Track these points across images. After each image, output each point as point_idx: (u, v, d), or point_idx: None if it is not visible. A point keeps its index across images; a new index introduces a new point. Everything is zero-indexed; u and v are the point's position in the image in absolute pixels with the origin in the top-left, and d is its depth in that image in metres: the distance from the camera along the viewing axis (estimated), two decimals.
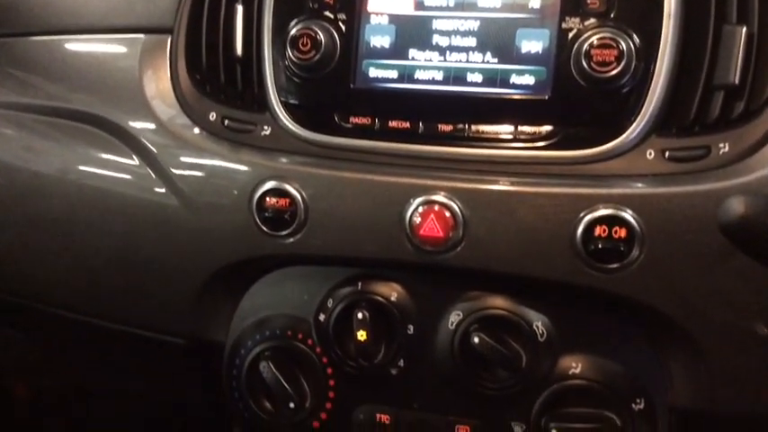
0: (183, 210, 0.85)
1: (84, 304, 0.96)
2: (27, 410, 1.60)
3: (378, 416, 0.83)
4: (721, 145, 0.71)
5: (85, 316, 0.97)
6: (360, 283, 0.82)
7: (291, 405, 0.83)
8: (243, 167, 0.82)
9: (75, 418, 1.48)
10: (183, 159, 0.85)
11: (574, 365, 0.77)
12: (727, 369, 0.73)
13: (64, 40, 0.95)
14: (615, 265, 0.71)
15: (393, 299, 0.81)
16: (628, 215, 0.71)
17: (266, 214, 0.80)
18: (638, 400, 0.75)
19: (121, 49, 0.92)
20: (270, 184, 0.80)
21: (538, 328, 0.77)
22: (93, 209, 0.90)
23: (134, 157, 0.88)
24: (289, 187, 0.79)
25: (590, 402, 0.75)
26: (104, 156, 0.90)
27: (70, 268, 0.94)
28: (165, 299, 0.90)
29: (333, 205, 0.79)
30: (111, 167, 0.90)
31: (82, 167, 0.91)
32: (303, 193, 0.79)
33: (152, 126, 0.87)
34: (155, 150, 0.86)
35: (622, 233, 0.71)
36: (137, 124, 0.88)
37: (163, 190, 0.86)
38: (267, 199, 0.80)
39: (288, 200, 0.80)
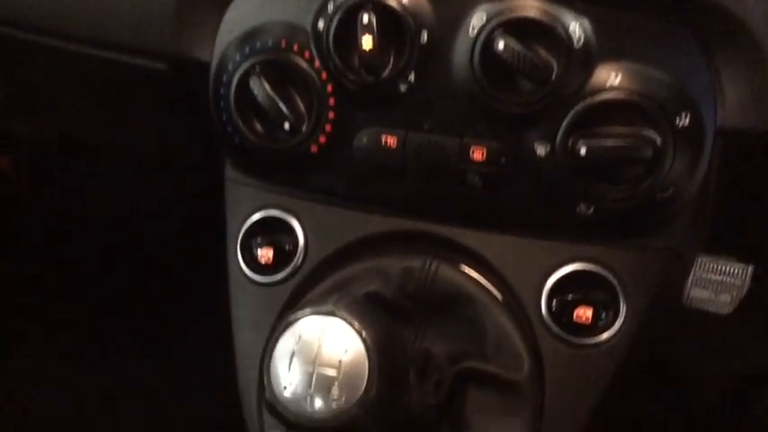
0: None
1: (55, 23, 0.84)
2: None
3: (383, 138, 0.73)
4: None
5: (58, 39, 0.85)
6: None
7: (286, 126, 0.74)
8: None
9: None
10: None
11: (612, 76, 0.66)
12: None
13: None
14: None
15: (405, 1, 0.69)
16: None
17: None
18: (683, 115, 0.65)
19: None
20: None
21: (574, 32, 0.65)
22: None
23: None
24: None
25: (627, 118, 0.66)
26: None
27: None
28: (142, 11, 0.78)
29: None
30: None
31: None
32: None
33: None
34: None
35: None
36: None
37: None
38: None
39: None
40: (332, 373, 0.50)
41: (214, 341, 0.90)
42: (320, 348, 0.51)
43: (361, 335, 0.51)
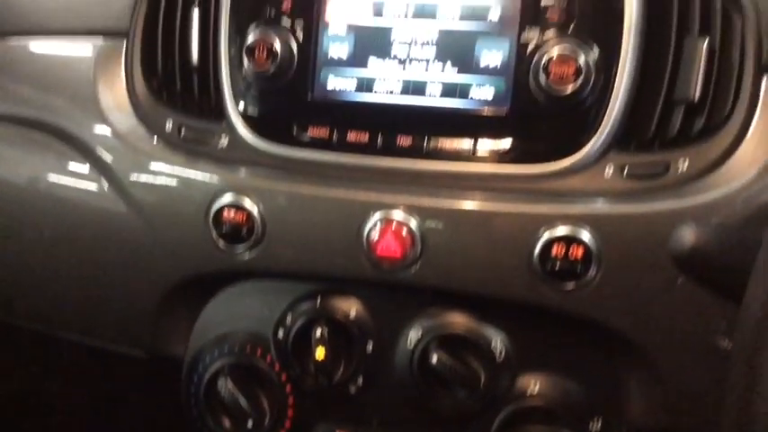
0: (139, 222, 0.83)
1: (41, 315, 0.94)
2: None
3: None
4: (681, 162, 0.70)
5: (43, 326, 0.95)
6: (319, 299, 0.80)
7: (250, 423, 0.82)
8: (199, 180, 0.80)
9: None
10: (139, 171, 0.82)
11: (532, 385, 0.76)
12: (683, 387, 0.72)
13: (19, 41, 0.92)
14: (572, 285, 0.70)
15: (352, 316, 0.80)
16: (585, 235, 0.69)
17: (223, 229, 0.78)
18: (595, 419, 0.74)
19: (77, 53, 0.88)
20: (227, 198, 0.78)
21: (496, 347, 0.76)
22: (49, 220, 0.88)
23: (89, 167, 0.85)
24: (245, 201, 0.77)
25: (548, 421, 0.75)
26: (59, 166, 0.87)
27: (26, 278, 0.92)
28: (124, 311, 0.88)
29: (290, 220, 0.77)
30: (67, 178, 0.87)
31: (38, 178, 0.88)
32: (260, 208, 0.77)
33: (107, 135, 0.84)
34: (109, 161, 0.84)
35: (579, 253, 0.69)
36: (91, 132, 0.85)
37: (119, 202, 0.83)
38: (224, 213, 0.78)
39: (245, 214, 0.77)
40: None
41: None
42: None
43: None
